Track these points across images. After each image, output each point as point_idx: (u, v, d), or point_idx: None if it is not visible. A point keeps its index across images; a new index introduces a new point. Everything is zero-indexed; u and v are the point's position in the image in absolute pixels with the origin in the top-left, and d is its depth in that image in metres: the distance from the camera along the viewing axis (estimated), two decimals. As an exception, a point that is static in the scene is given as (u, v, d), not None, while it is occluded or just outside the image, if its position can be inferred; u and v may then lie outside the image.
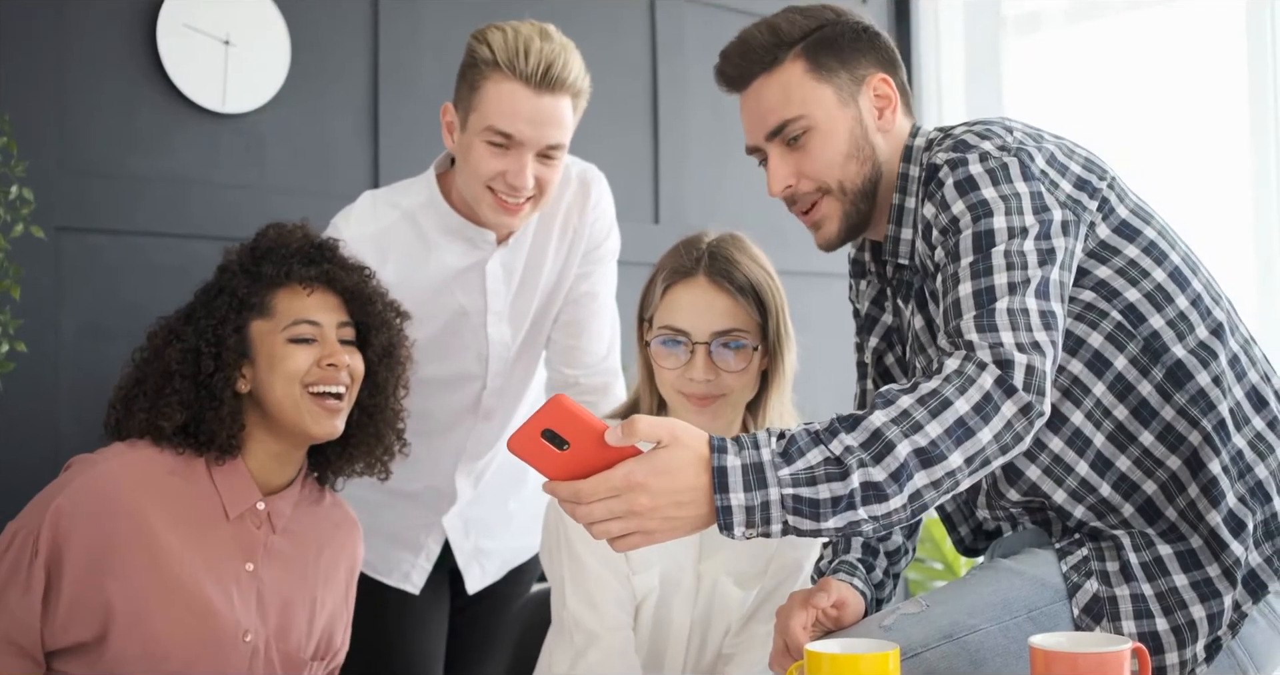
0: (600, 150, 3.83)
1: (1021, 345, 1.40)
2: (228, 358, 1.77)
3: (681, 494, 1.31)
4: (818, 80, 1.65)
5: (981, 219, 1.49)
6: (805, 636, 1.56)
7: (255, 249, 1.86)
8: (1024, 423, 1.38)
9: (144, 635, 1.67)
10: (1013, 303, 1.43)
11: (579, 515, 1.32)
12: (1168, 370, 1.53)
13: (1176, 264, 1.56)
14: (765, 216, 4.20)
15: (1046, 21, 4.22)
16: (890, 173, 1.67)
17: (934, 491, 1.36)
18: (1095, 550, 1.54)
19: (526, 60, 1.95)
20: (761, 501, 1.32)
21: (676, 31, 3.91)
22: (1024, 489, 1.59)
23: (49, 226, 2.73)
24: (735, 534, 1.33)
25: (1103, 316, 1.54)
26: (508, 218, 2.05)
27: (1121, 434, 1.54)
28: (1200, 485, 1.50)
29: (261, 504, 1.80)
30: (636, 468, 1.30)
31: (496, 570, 2.38)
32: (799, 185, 1.67)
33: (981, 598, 1.53)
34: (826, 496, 1.32)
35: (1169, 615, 1.49)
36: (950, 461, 1.35)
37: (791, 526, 1.33)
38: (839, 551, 1.72)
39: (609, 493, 1.30)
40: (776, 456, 1.33)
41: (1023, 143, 1.55)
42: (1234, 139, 3.86)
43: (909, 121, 1.70)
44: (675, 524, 1.33)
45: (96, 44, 2.88)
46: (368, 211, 2.16)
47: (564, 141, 2.02)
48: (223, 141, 3.05)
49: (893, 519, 1.35)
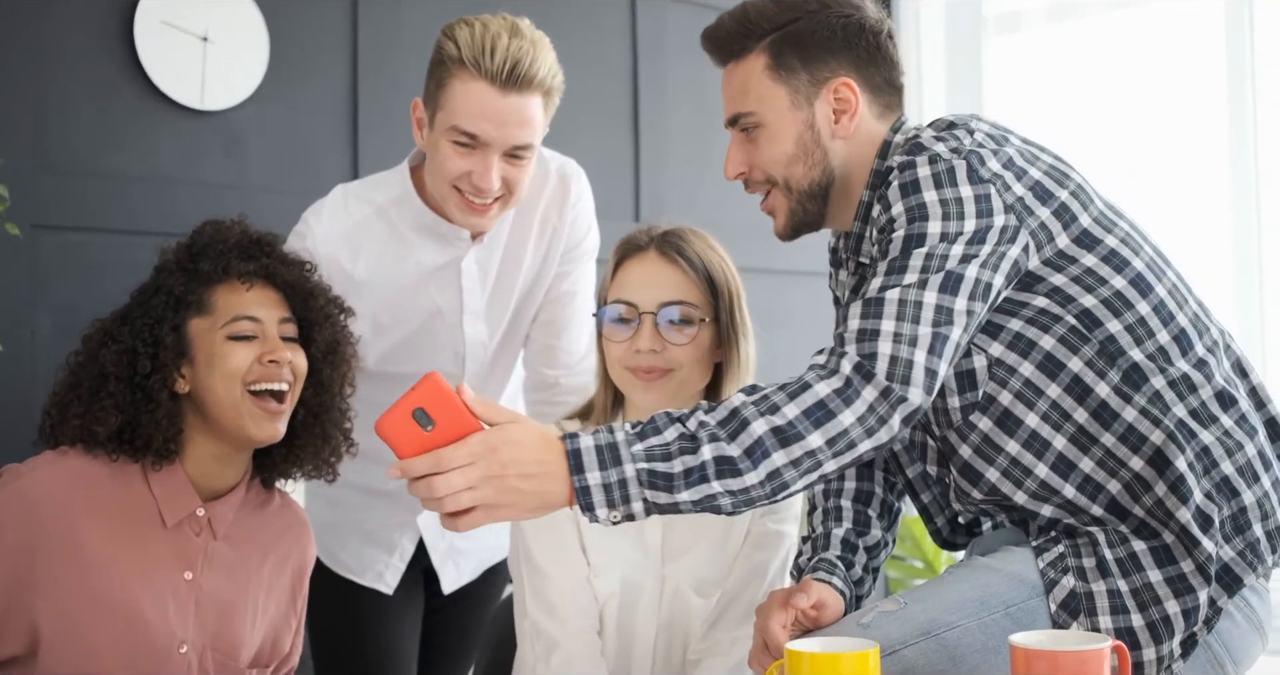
0: (581, 149, 3.82)
1: (898, 335, 1.42)
2: (165, 358, 1.71)
3: (526, 465, 1.36)
4: (774, 80, 1.64)
5: (916, 221, 1.49)
6: (784, 636, 1.56)
7: (192, 246, 1.80)
8: (885, 406, 1.40)
9: (76, 650, 1.63)
10: (908, 294, 1.45)
11: (437, 485, 1.34)
12: (1124, 373, 1.53)
13: (1139, 270, 1.56)
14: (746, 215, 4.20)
15: (1027, 21, 4.23)
16: (857, 171, 1.66)
17: (794, 471, 1.39)
18: (1071, 547, 1.55)
19: (492, 58, 1.89)
20: (618, 479, 1.36)
21: (657, 30, 3.91)
22: (985, 490, 1.60)
23: (25, 224, 2.71)
24: (599, 516, 1.38)
25: (1056, 320, 1.54)
26: (475, 218, 2.01)
27: (1083, 436, 1.54)
28: (1168, 483, 1.50)
29: (201, 510, 1.74)
30: (490, 434, 1.37)
31: (472, 570, 2.36)
32: (751, 173, 1.69)
33: (959, 594, 1.53)
34: (680, 469, 1.37)
35: (1144, 611, 1.50)
36: (809, 441, 1.38)
37: (651, 502, 1.37)
38: (818, 548, 1.72)
39: (467, 458, 1.35)
40: (631, 436, 1.38)
41: (982, 144, 1.54)
42: (1213, 138, 3.88)
43: (885, 122, 1.67)
44: (520, 497, 1.37)
45: (74, 40, 2.86)
46: (339, 207, 2.12)
47: (532, 141, 1.97)
48: (201, 139, 3.03)
49: (751, 495, 1.39)
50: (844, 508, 1.76)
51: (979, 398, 1.57)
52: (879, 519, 1.77)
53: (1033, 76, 4.14)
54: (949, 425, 1.59)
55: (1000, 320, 1.55)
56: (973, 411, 1.57)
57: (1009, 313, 1.54)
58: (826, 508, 1.77)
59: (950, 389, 1.57)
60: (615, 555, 1.81)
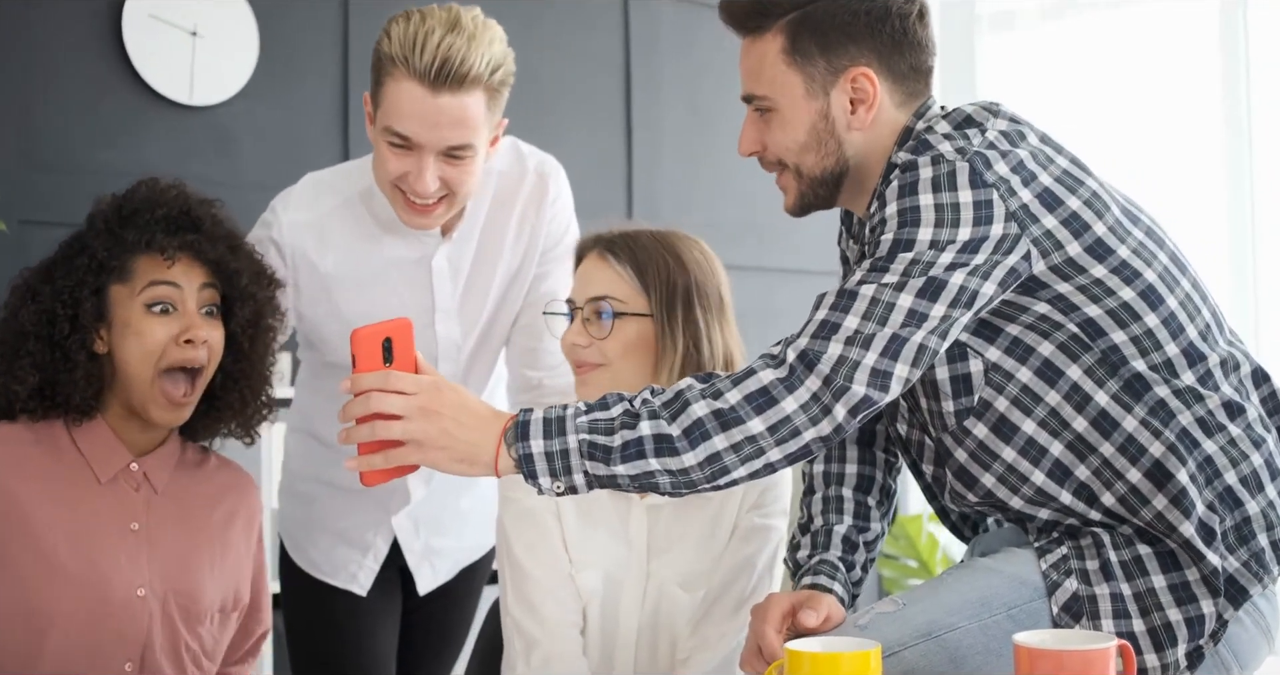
0: (573, 147, 3.81)
1: (857, 333, 1.40)
2: (85, 320, 1.70)
3: (466, 416, 1.41)
4: (789, 66, 1.57)
5: (907, 226, 1.44)
6: (779, 641, 1.54)
7: (122, 208, 1.77)
8: (828, 395, 1.38)
9: (33, 623, 1.63)
10: (883, 293, 1.41)
11: (373, 402, 1.38)
12: (1125, 382, 1.49)
13: (1150, 282, 1.50)
14: (738, 213, 4.19)
15: (1021, 19, 4.22)
16: (874, 159, 1.60)
17: (734, 455, 1.39)
18: (1075, 548, 1.52)
19: (421, 55, 1.80)
20: (560, 449, 1.39)
21: (650, 29, 3.89)
22: (980, 494, 1.57)
23: (12, 220, 2.69)
24: (542, 485, 1.41)
25: (1056, 327, 1.49)
26: (419, 218, 1.94)
27: (1081, 444, 1.51)
28: (1169, 496, 1.47)
29: (135, 464, 1.74)
30: (440, 379, 1.43)
31: (449, 570, 2.30)
32: (764, 154, 1.64)
33: (960, 596, 1.51)
34: (619, 443, 1.39)
35: (1145, 616, 1.47)
36: (749, 426, 1.38)
37: (591, 475, 1.40)
38: (818, 546, 1.69)
39: (414, 387, 1.39)
40: (578, 411, 1.42)
41: (993, 143, 1.48)
42: (1208, 136, 3.87)
43: (907, 109, 1.60)
44: (451, 442, 1.40)
45: (61, 34, 2.83)
46: (308, 196, 2.05)
47: (470, 141, 1.87)
48: (191, 134, 3.01)
49: (691, 477, 1.40)
50: (845, 498, 1.72)
51: (974, 403, 1.53)
52: (878, 507, 1.74)
53: (1026, 75, 4.13)
54: (944, 428, 1.57)
55: (998, 324, 1.51)
56: (968, 417, 1.54)
57: (1008, 317, 1.50)
58: (827, 496, 1.73)
59: (945, 393, 1.54)
60: (598, 551, 1.79)
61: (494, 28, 1.89)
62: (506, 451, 1.41)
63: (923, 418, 1.59)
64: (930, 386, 1.54)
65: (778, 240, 4.18)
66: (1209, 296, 1.58)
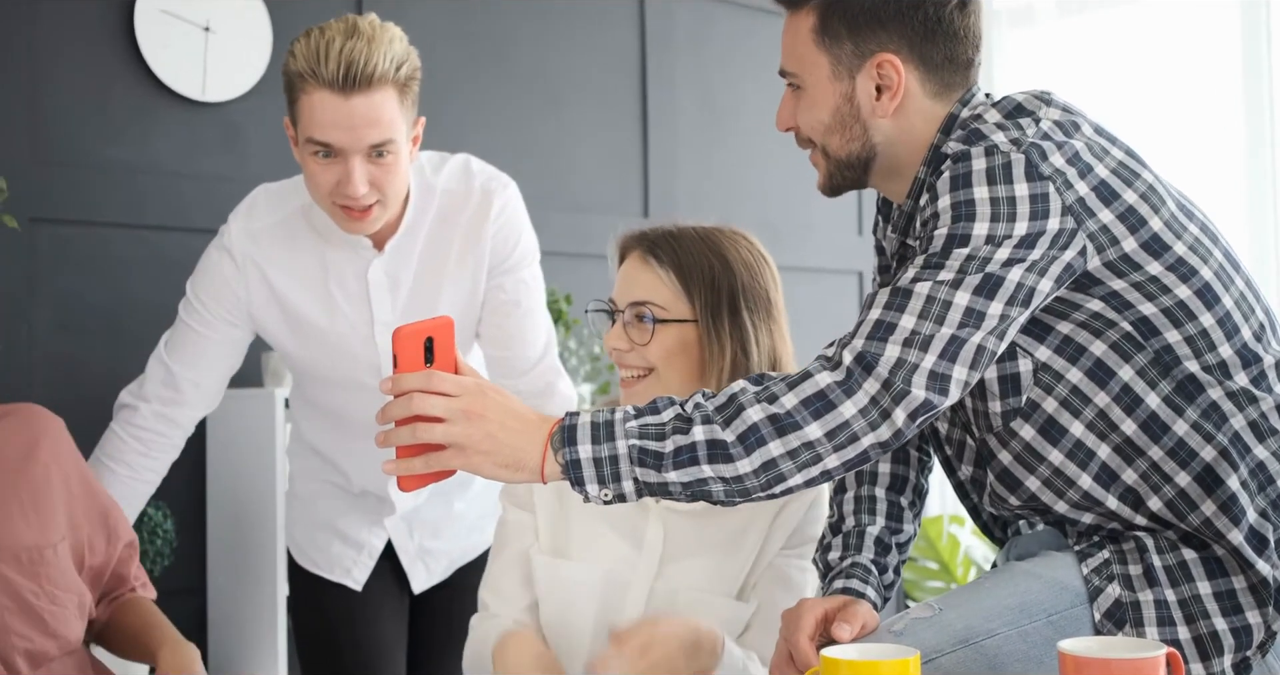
0: (589, 143, 3.78)
1: (915, 334, 1.35)
2: None
3: (513, 418, 1.35)
4: (818, 46, 1.54)
5: (962, 220, 1.40)
6: (813, 649, 1.49)
7: None
8: (887, 399, 1.33)
9: None
10: (939, 291, 1.37)
11: (415, 403, 1.33)
12: (1178, 384, 1.45)
13: (1207, 280, 1.46)
14: (755, 211, 4.16)
15: (1039, 14, 4.18)
16: (908, 148, 1.56)
17: (791, 463, 1.33)
18: (1117, 553, 1.48)
19: (326, 64, 1.87)
20: (609, 454, 1.34)
21: (666, 25, 3.86)
22: (1023, 498, 1.53)
23: (23, 217, 2.66)
24: (589, 493, 1.35)
25: (1110, 326, 1.45)
26: (358, 224, 1.99)
27: (1129, 447, 1.47)
28: (1218, 503, 1.43)
29: None
30: (484, 381, 1.37)
31: (443, 570, 2.33)
32: (797, 130, 1.61)
33: (998, 601, 1.47)
34: (671, 448, 1.34)
35: (1190, 624, 1.43)
36: (807, 431, 1.33)
37: (641, 482, 1.34)
38: (850, 548, 1.65)
39: (457, 389, 1.33)
40: (628, 415, 1.36)
41: (1048, 134, 1.44)
42: (1228, 131, 3.83)
43: (944, 100, 1.56)
44: (495, 447, 1.34)
45: (72, 29, 2.80)
46: (258, 207, 2.12)
47: (390, 137, 1.93)
48: (202, 131, 2.97)
49: (745, 485, 1.34)
50: (878, 498, 1.68)
51: (1022, 403, 1.49)
52: (910, 508, 1.70)
53: (1045, 70, 4.09)
54: (988, 429, 1.52)
55: (1049, 322, 1.46)
56: (1014, 417, 1.49)
57: (1059, 314, 1.46)
58: (859, 495, 1.69)
59: (992, 393, 1.49)
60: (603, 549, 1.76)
61: (393, 29, 1.97)
62: (553, 457, 1.36)
63: (966, 417, 1.55)
64: (977, 386, 1.50)
65: (793, 237, 4.14)
66: (1261, 296, 1.53)
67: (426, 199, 2.10)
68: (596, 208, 3.72)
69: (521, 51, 3.55)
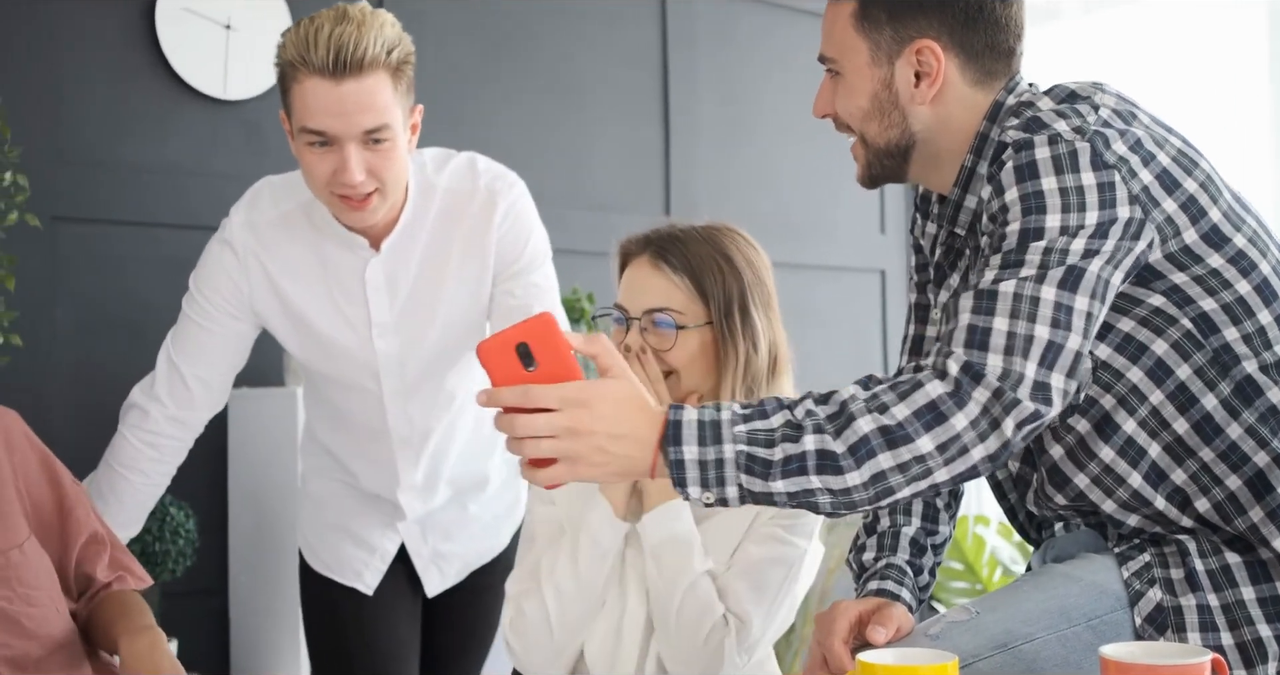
0: (610, 141, 3.75)
1: (1011, 335, 1.31)
2: None
3: (621, 425, 1.28)
4: (858, 31, 1.52)
5: (1033, 213, 1.37)
6: (849, 656, 1.47)
7: None
8: (999, 408, 1.29)
9: None
10: (1024, 288, 1.34)
11: (518, 425, 1.27)
12: (1236, 385, 1.42)
13: (1265, 275, 1.43)
14: (778, 209, 4.13)
15: (1065, 10, 4.15)
16: (951, 136, 1.54)
17: (901, 477, 1.29)
18: (1158, 556, 1.45)
19: (315, 51, 1.85)
20: (715, 458, 1.29)
21: (687, 23, 3.84)
22: (1071, 496, 1.50)
23: (44, 216, 2.65)
24: (690, 493, 1.29)
25: (1171, 323, 1.42)
26: (358, 214, 1.95)
27: (1180, 447, 1.44)
28: (1266, 510, 1.41)
29: None
30: (589, 386, 1.28)
31: (457, 573, 2.30)
32: (835, 117, 1.58)
33: (1036, 605, 1.44)
34: (780, 457, 1.29)
35: (1234, 630, 1.40)
36: (919, 445, 1.28)
37: (746, 489, 1.29)
38: (885, 548, 1.62)
39: (558, 402, 1.27)
40: (736, 417, 1.31)
41: (1108, 121, 1.41)
42: (1256, 127, 3.79)
43: (986, 88, 1.54)
44: (606, 459, 1.29)
45: (94, 28, 2.79)
46: (263, 200, 2.09)
47: (384, 122, 1.89)
48: (223, 129, 2.96)
49: (853, 497, 1.29)
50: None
51: (1079, 399, 1.46)
52: (946, 510, 1.67)
53: (1071, 66, 4.05)
54: None
55: (1109, 319, 1.43)
56: (1070, 413, 1.47)
57: (1121, 310, 1.43)
58: None
59: None
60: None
61: (384, 14, 1.93)
62: (663, 460, 1.31)
63: None
64: None
65: (816, 236, 4.12)
66: None
67: (427, 198, 2.06)
68: (618, 206, 3.70)
69: (542, 49, 3.53)
